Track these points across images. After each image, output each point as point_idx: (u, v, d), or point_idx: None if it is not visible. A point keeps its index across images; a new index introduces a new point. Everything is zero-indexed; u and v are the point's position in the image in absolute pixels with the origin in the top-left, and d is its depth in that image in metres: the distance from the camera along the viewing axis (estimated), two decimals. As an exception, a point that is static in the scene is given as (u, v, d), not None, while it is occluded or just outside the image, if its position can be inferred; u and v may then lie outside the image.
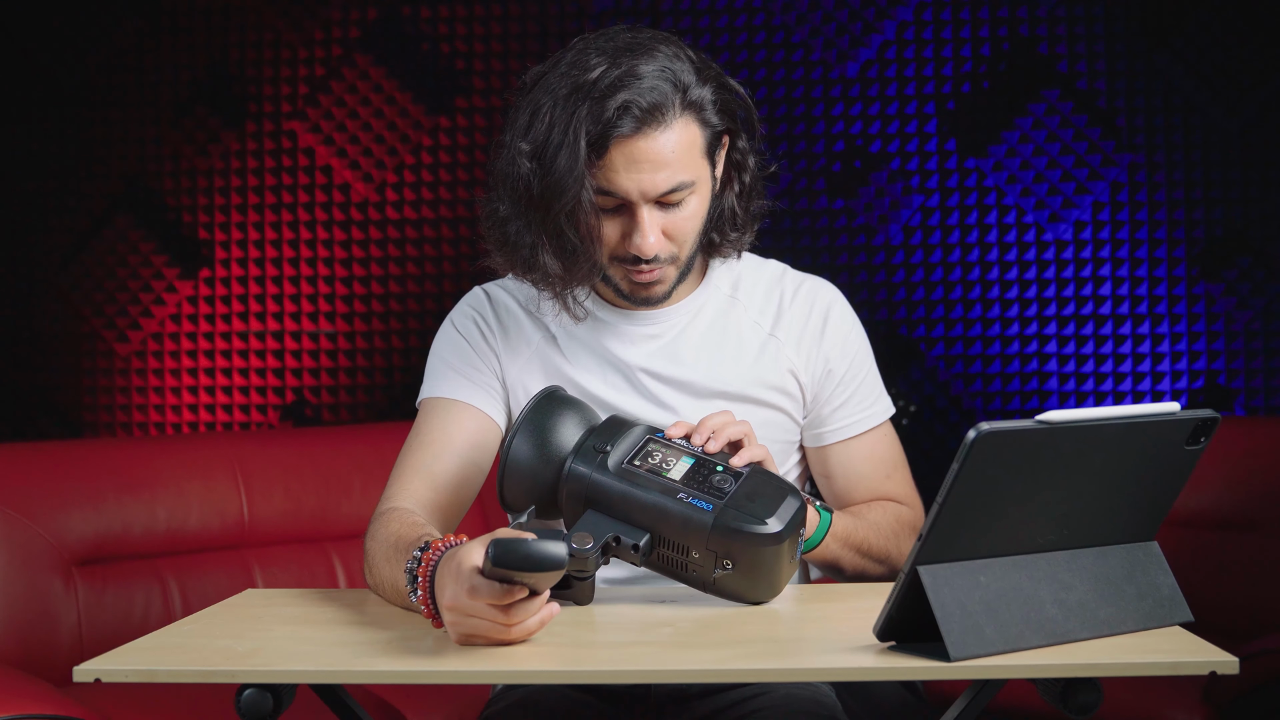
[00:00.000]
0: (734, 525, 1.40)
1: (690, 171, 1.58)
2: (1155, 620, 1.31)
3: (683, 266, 1.65)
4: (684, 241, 1.63)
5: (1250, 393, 3.10)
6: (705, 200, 1.64)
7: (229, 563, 2.62)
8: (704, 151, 1.61)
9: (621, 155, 1.55)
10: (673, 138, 1.56)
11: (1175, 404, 1.27)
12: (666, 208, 1.59)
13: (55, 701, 1.97)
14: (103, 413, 3.37)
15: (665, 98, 1.55)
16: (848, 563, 1.65)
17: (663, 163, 1.56)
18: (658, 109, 1.54)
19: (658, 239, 1.59)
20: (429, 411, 1.70)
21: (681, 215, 1.60)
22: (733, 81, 1.65)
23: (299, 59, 3.34)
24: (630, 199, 1.57)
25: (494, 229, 1.65)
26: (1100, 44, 3.15)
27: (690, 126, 1.58)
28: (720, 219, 1.69)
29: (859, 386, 1.75)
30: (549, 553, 1.22)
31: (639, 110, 1.53)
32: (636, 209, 1.58)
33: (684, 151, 1.57)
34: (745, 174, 1.70)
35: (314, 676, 1.31)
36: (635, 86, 1.54)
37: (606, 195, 1.57)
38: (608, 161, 1.55)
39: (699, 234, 1.65)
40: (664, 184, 1.57)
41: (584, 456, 1.47)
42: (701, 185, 1.62)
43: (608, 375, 1.70)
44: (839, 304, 1.77)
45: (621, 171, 1.55)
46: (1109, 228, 3.15)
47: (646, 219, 1.58)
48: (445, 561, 1.32)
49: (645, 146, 1.55)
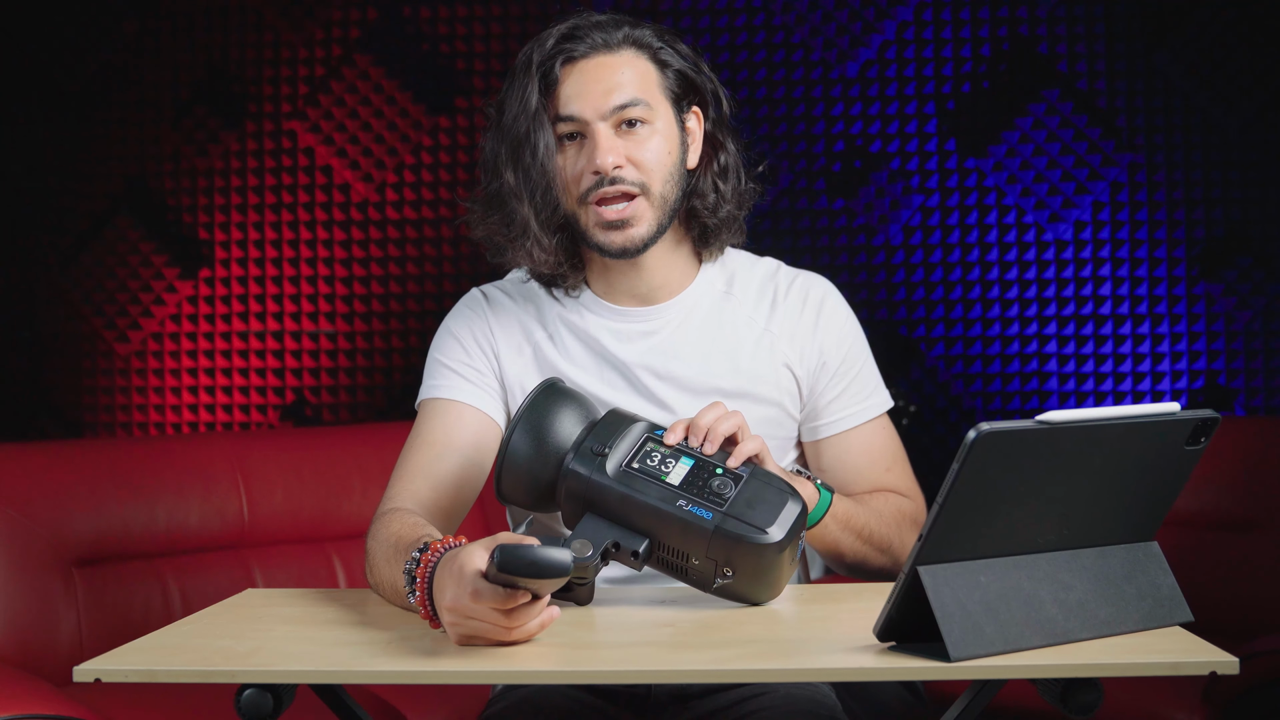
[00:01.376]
0: (734, 534, 1.40)
1: (644, 94, 1.63)
2: (1155, 620, 1.31)
3: (657, 208, 1.65)
4: (651, 170, 1.64)
5: (1250, 393, 3.10)
6: (672, 143, 1.66)
7: (229, 563, 2.62)
8: (660, 89, 1.66)
9: (571, 78, 1.63)
10: (621, 61, 1.64)
11: (1175, 404, 1.27)
12: (626, 134, 1.63)
13: (55, 701, 1.97)
14: (103, 413, 3.37)
15: (612, 35, 1.64)
16: (848, 548, 1.65)
17: (613, 83, 1.63)
18: (605, 39, 1.64)
19: (617, 156, 1.62)
20: (429, 412, 1.70)
21: (642, 143, 1.63)
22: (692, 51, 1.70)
23: (299, 59, 3.34)
24: (584, 117, 1.62)
25: (478, 205, 1.70)
26: (1100, 44, 3.15)
27: (641, 60, 1.65)
28: (699, 189, 1.70)
29: (854, 379, 1.75)
30: (554, 559, 1.22)
31: (585, 35, 1.63)
32: (593, 128, 1.62)
33: (636, 78, 1.64)
34: (723, 154, 1.71)
35: (314, 676, 1.31)
36: (583, 22, 1.64)
37: (564, 121, 1.63)
38: (560, 89, 1.63)
39: (669, 174, 1.66)
40: (615, 100, 1.62)
41: (583, 457, 1.46)
42: (663, 124, 1.65)
43: (605, 373, 1.70)
44: (832, 297, 1.77)
45: (572, 92, 1.62)
46: (1109, 228, 3.15)
47: (602, 134, 1.62)
48: (445, 563, 1.32)
49: (594, 66, 1.63)
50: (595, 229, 1.65)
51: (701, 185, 1.70)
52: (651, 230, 1.65)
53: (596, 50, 1.63)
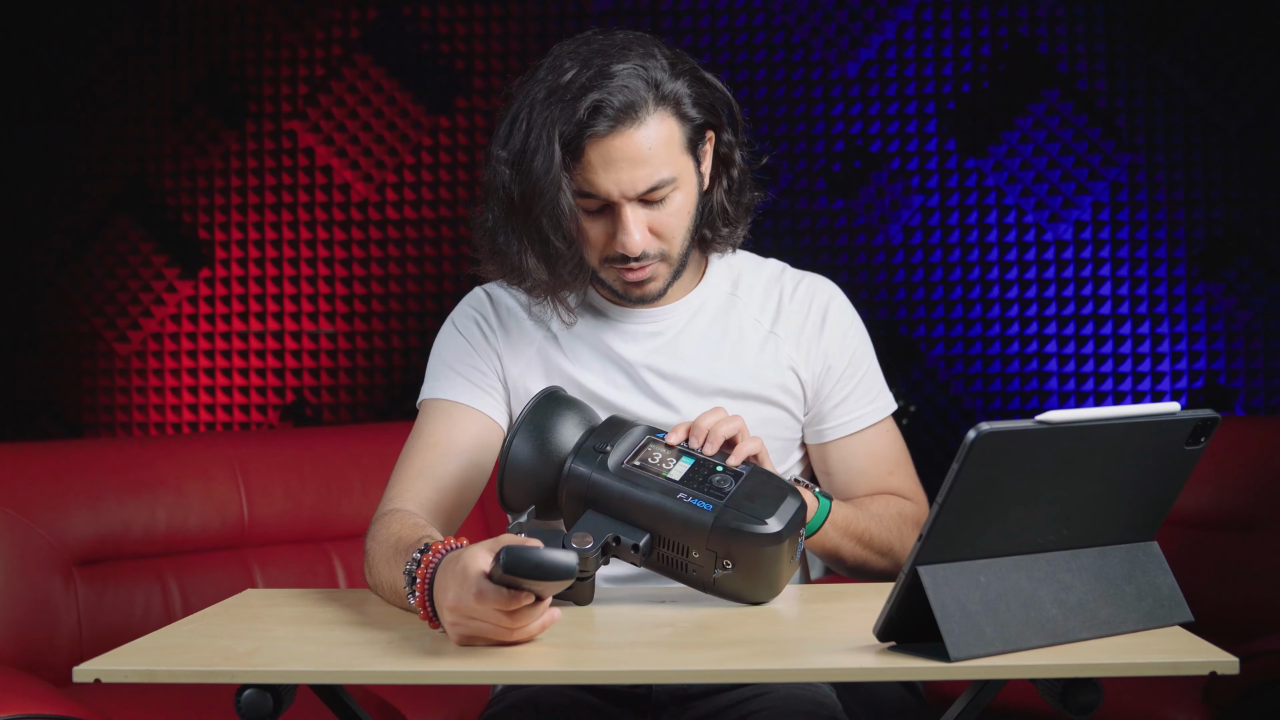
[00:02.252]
0: (734, 525, 1.40)
1: (670, 167, 1.59)
2: (1155, 620, 1.31)
3: (675, 264, 1.65)
4: (672, 238, 1.63)
5: (1250, 393, 3.10)
6: (691, 196, 1.64)
7: (229, 563, 2.62)
8: (684, 147, 1.61)
9: (598, 155, 1.55)
10: (649, 134, 1.56)
11: (1175, 404, 1.27)
12: (650, 205, 1.59)
13: (55, 701, 1.97)
14: (103, 413, 3.37)
15: (638, 94, 1.55)
16: (848, 553, 1.65)
17: (640, 160, 1.56)
18: (630, 106, 1.55)
19: (643, 236, 1.59)
20: (430, 413, 1.70)
21: (666, 212, 1.60)
22: (710, 76, 1.65)
23: (299, 59, 3.34)
24: (611, 199, 1.58)
25: (484, 239, 1.67)
26: (1100, 44, 3.15)
27: (666, 121, 1.58)
28: (711, 215, 1.69)
29: (859, 382, 1.75)
30: (559, 562, 1.23)
31: (611, 109, 1.54)
32: (619, 208, 1.58)
33: (662, 147, 1.57)
34: (733, 169, 1.70)
35: (314, 676, 1.31)
36: (607, 86, 1.54)
37: (588, 197, 1.58)
38: (585, 163, 1.56)
39: (688, 230, 1.65)
40: (643, 181, 1.57)
41: (584, 457, 1.47)
42: (685, 181, 1.62)
43: (609, 373, 1.70)
44: (838, 300, 1.77)
45: (599, 171, 1.56)
46: (1109, 228, 3.15)
47: (630, 217, 1.58)
48: (447, 564, 1.32)
49: (620, 144, 1.55)
50: (616, 283, 1.66)
51: (712, 204, 1.70)
52: (668, 281, 1.66)
53: (623, 124, 1.55)
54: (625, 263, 1.62)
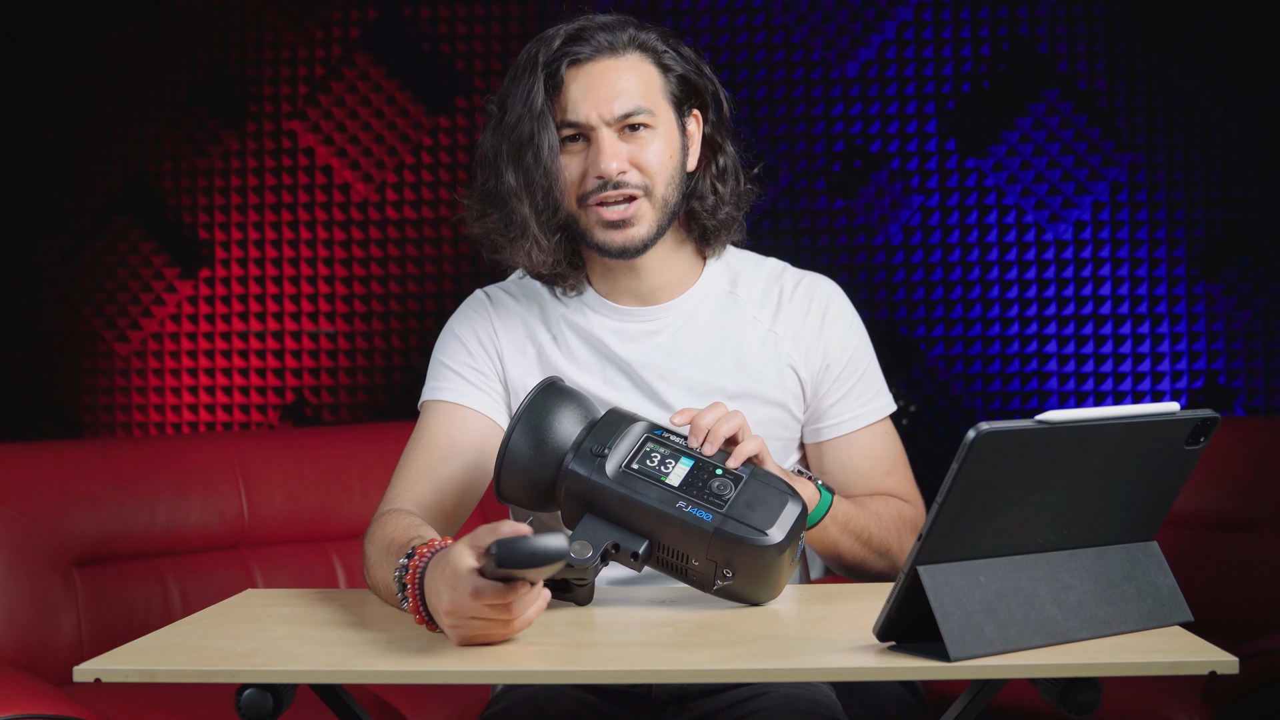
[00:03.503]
0: (734, 535, 1.40)
1: (649, 102, 1.64)
2: (1155, 620, 1.31)
3: (658, 209, 1.65)
4: (653, 173, 1.64)
5: (1250, 393, 3.10)
6: (673, 145, 1.66)
7: (229, 563, 2.62)
8: (664, 94, 1.66)
9: (576, 81, 1.62)
10: (626, 65, 1.63)
11: (1175, 404, 1.27)
12: (629, 140, 1.63)
13: (55, 701, 1.97)
14: (103, 413, 3.37)
15: (618, 38, 1.64)
16: (847, 550, 1.65)
17: (618, 88, 1.62)
18: (611, 42, 1.63)
19: (620, 162, 1.62)
20: (431, 414, 1.70)
21: (645, 147, 1.64)
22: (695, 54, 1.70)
23: (299, 59, 3.34)
24: (588, 121, 1.62)
25: (475, 201, 1.70)
26: (1100, 44, 3.15)
27: (645, 64, 1.65)
28: (699, 191, 1.70)
29: (858, 382, 1.74)
30: (552, 547, 1.23)
31: (592, 38, 1.62)
32: (597, 133, 1.62)
33: (640, 83, 1.64)
34: (721, 155, 1.72)
35: (314, 676, 1.31)
36: (589, 24, 1.64)
37: (569, 126, 1.63)
38: (565, 92, 1.62)
39: (671, 176, 1.66)
40: (620, 107, 1.62)
41: (582, 458, 1.46)
42: (665, 128, 1.65)
43: (608, 373, 1.70)
44: (838, 299, 1.77)
45: (577, 95, 1.62)
46: (1109, 228, 3.15)
47: (606, 139, 1.62)
48: (435, 567, 1.32)
49: (599, 70, 1.62)
50: (596, 228, 1.65)
51: (700, 187, 1.70)
52: (651, 231, 1.65)
53: (601, 53, 1.63)
54: (602, 192, 1.63)
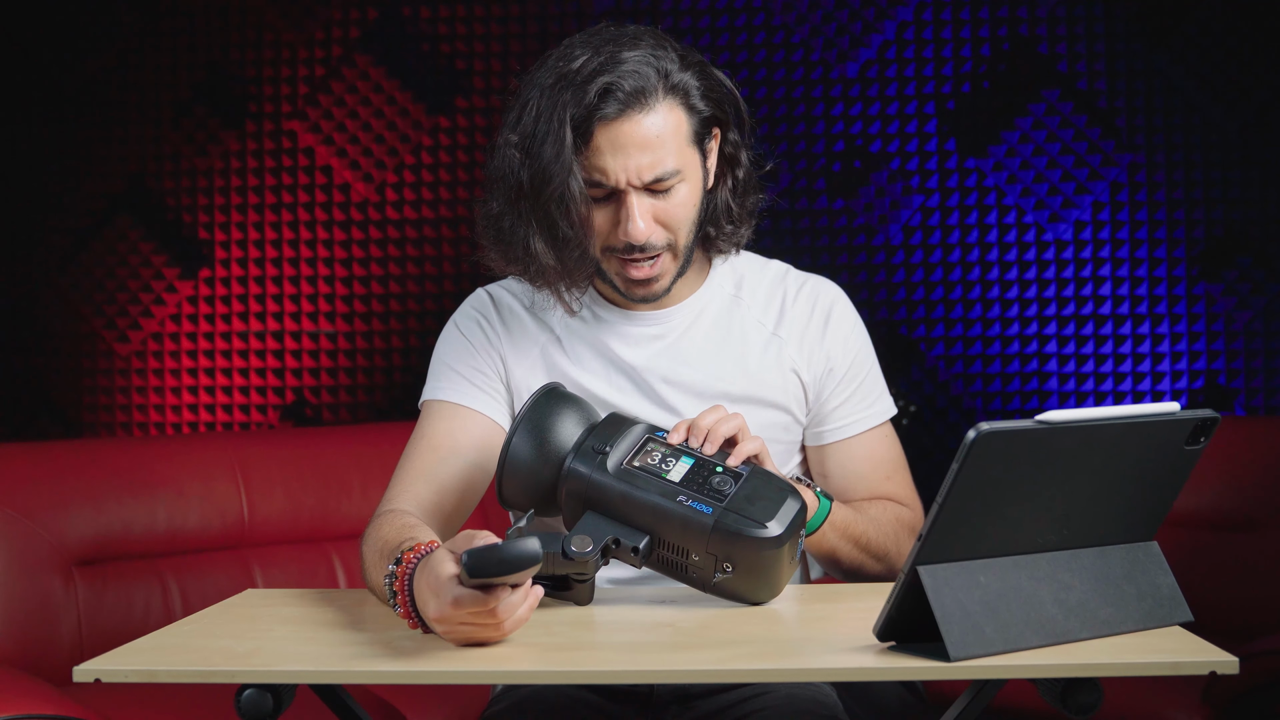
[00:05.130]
0: (734, 529, 1.40)
1: (677, 158, 1.59)
2: (1155, 620, 1.31)
3: (681, 258, 1.65)
4: (678, 229, 1.62)
5: (1250, 393, 3.10)
6: (697, 189, 1.64)
7: (229, 563, 2.62)
8: (691, 138, 1.61)
9: (606, 139, 1.56)
10: (657, 120, 1.57)
11: (1175, 404, 1.27)
12: (656, 195, 1.60)
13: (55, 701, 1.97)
14: (103, 413, 3.37)
15: (648, 81, 1.56)
16: (845, 555, 1.65)
17: (648, 146, 1.57)
18: (640, 92, 1.56)
19: (649, 225, 1.59)
20: (432, 414, 1.70)
21: (672, 202, 1.60)
22: (718, 72, 1.65)
23: (299, 59, 3.34)
24: (618, 185, 1.58)
25: (489, 226, 1.66)
26: (1100, 44, 3.15)
27: (675, 111, 1.59)
28: (715, 214, 1.69)
29: (860, 385, 1.74)
30: (522, 551, 1.22)
31: (621, 93, 1.55)
32: (625, 196, 1.58)
33: (670, 136, 1.58)
34: (738, 169, 1.70)
35: (314, 676, 1.31)
36: (617, 70, 1.56)
37: (595, 185, 1.58)
38: (594, 147, 1.56)
39: (693, 223, 1.64)
40: (649, 170, 1.57)
41: (583, 456, 1.46)
42: (691, 173, 1.62)
43: (612, 376, 1.70)
44: (841, 302, 1.77)
45: (607, 155, 1.56)
46: (1109, 228, 3.15)
47: (635, 204, 1.58)
48: (420, 573, 1.32)
49: (629, 129, 1.56)
50: (619, 278, 1.65)
51: (717, 207, 1.69)
52: (673, 279, 1.66)
53: (632, 108, 1.56)
54: (629, 253, 1.61)
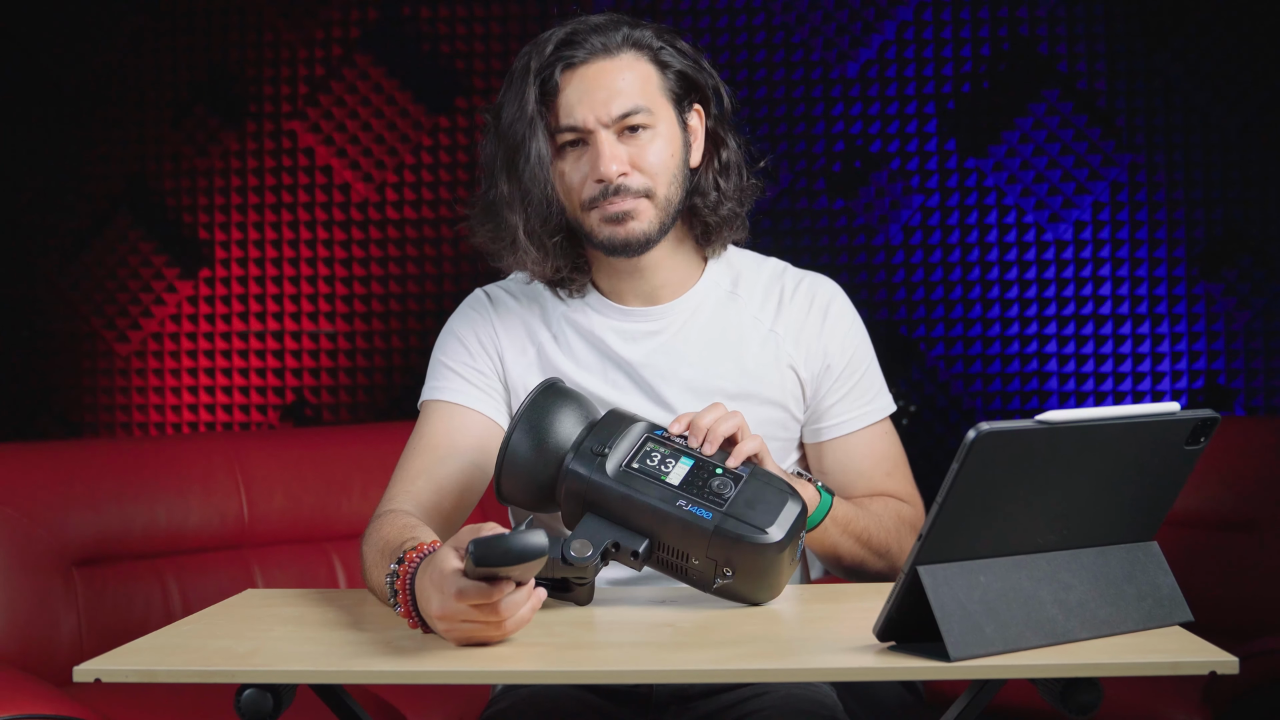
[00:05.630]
0: (734, 534, 1.40)
1: (646, 100, 1.62)
2: (1155, 620, 1.31)
3: (661, 210, 1.64)
4: (655, 174, 1.63)
5: (1250, 393, 3.10)
6: (674, 144, 1.65)
7: (229, 563, 2.62)
8: (663, 91, 1.64)
9: (572, 84, 1.60)
10: (622, 65, 1.61)
11: (1175, 404, 1.27)
12: (628, 140, 1.62)
13: (55, 701, 1.97)
14: (103, 413, 3.37)
15: (611, 38, 1.62)
16: (846, 551, 1.65)
17: (615, 89, 1.60)
18: (605, 43, 1.61)
19: (620, 165, 1.61)
20: (431, 414, 1.70)
21: (646, 145, 1.62)
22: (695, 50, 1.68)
23: (299, 59, 3.34)
24: (586, 124, 1.60)
25: (477, 211, 1.70)
26: (1100, 44, 3.15)
27: (641, 62, 1.63)
28: (701, 187, 1.69)
29: (858, 382, 1.74)
30: (530, 543, 1.22)
31: (585, 40, 1.60)
32: (595, 136, 1.61)
33: (637, 82, 1.62)
34: (724, 150, 1.71)
35: (314, 676, 1.31)
36: (581, 26, 1.62)
37: (566, 131, 1.61)
38: (562, 96, 1.61)
39: (673, 176, 1.65)
40: (618, 108, 1.60)
41: (582, 457, 1.46)
42: (665, 126, 1.64)
43: (609, 374, 1.70)
44: (839, 299, 1.76)
45: (574, 99, 1.60)
46: (1109, 228, 3.15)
47: (605, 141, 1.61)
48: (423, 572, 1.32)
49: (594, 72, 1.61)
50: (597, 226, 1.64)
51: (703, 183, 1.69)
52: (653, 228, 1.65)
53: (596, 55, 1.61)
54: (604, 199, 1.62)
